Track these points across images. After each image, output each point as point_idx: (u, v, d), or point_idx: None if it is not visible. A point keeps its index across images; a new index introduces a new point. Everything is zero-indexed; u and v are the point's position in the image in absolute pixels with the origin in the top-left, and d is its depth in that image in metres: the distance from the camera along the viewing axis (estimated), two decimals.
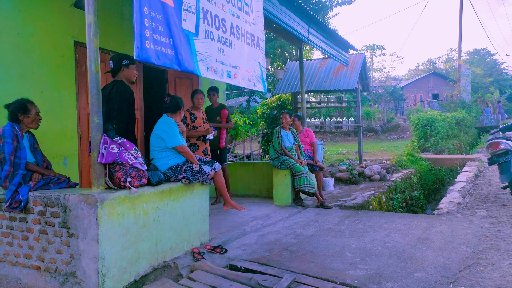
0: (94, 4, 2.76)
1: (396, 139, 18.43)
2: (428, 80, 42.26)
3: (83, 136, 4.63)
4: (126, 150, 2.90)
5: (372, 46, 35.00)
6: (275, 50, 19.06)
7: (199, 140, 5.05)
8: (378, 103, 29.24)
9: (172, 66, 3.14)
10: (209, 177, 3.66)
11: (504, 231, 4.01)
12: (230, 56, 4.00)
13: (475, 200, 5.74)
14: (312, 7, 18.51)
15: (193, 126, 5.04)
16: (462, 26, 26.02)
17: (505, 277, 2.80)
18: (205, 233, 3.78)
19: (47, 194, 2.89)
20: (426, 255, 3.33)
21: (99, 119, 2.81)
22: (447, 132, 15.30)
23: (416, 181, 9.71)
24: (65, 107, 4.46)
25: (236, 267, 3.18)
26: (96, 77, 2.78)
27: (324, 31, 6.81)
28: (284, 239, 3.97)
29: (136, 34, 2.77)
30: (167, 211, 3.27)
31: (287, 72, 10.76)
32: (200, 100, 5.14)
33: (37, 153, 3.36)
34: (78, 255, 2.72)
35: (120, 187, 2.88)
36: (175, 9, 3.22)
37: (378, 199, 6.73)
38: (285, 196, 5.85)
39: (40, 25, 4.21)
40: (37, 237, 2.95)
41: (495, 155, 4.68)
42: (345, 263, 3.20)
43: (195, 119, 5.09)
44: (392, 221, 4.60)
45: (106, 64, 4.90)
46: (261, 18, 4.70)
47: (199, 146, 5.05)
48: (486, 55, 41.70)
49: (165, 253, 3.25)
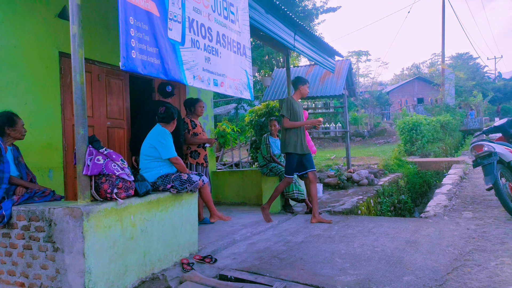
0: (79, 15, 2.74)
1: (383, 143, 18.65)
2: (413, 84, 42.98)
3: (68, 147, 4.57)
4: (112, 161, 2.86)
5: (357, 52, 35.52)
6: (262, 58, 19.19)
7: (199, 147, 5.06)
8: (365, 108, 29.61)
9: (159, 76, 3.13)
10: (197, 186, 3.65)
11: (490, 232, 4.07)
12: (217, 64, 4.01)
13: (461, 202, 5.82)
14: (298, 15, 18.72)
15: (194, 132, 5.05)
16: (445, 31, 26.68)
17: (492, 278, 2.84)
18: (194, 243, 3.75)
19: (31, 208, 2.83)
20: (414, 258, 3.36)
21: (84, 130, 2.78)
22: (432, 136, 15.55)
23: (404, 184, 9.82)
24: (50, 118, 4.39)
25: (226, 277, 3.16)
26: (81, 88, 2.75)
27: (310, 38, 6.88)
28: (274, 247, 3.96)
29: (122, 44, 2.76)
30: (155, 221, 3.24)
31: (275, 79, 10.83)
32: (203, 109, 5.25)
33: (21, 166, 3.29)
34: (63, 270, 2.66)
35: (106, 199, 2.84)
36: (161, 19, 3.22)
37: (366, 203, 6.78)
38: (275, 203, 5.83)
39: (24, 36, 4.16)
40: (21, 252, 2.88)
41: (479, 157, 4.77)
42: (335, 269, 3.20)
43: (195, 126, 5.10)
44: (381, 225, 4.63)
45: (92, 75, 4.87)
46: (247, 27, 4.73)
47: (200, 153, 5.06)
48: (468, 59, 42.67)
49: (154, 265, 3.20)
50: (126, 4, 2.83)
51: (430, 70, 43.54)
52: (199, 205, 4.96)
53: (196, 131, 5.08)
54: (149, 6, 3.08)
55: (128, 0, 2.84)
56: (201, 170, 5.02)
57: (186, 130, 5.02)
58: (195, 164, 4.99)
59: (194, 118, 5.20)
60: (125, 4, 2.81)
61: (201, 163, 5.04)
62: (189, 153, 5.00)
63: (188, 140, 4.98)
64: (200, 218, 4.93)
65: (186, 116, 5.19)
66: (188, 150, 5.02)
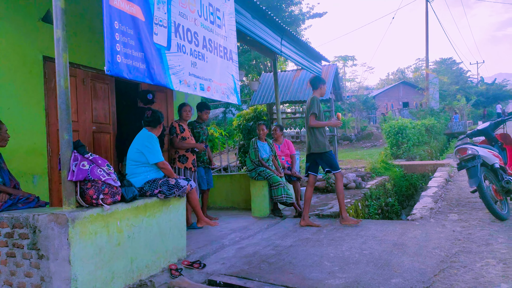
0: (63, 19, 2.71)
1: (370, 147, 18.84)
2: (398, 89, 43.67)
3: (53, 153, 4.49)
4: (98, 167, 2.82)
5: (344, 57, 35.97)
6: (250, 62, 19.24)
7: (188, 152, 5.03)
8: (352, 112, 29.92)
9: (145, 80, 3.11)
10: (185, 191, 3.62)
11: (475, 233, 4.14)
12: (203, 69, 4.01)
13: (447, 205, 5.91)
14: (285, 20, 18.85)
15: (182, 137, 5.03)
16: (429, 37, 27.14)
17: (478, 279, 2.89)
18: (183, 249, 3.71)
19: (15, 215, 2.76)
20: (402, 260, 3.39)
21: (69, 135, 2.74)
22: (418, 139, 15.78)
23: (390, 187, 9.93)
24: (33, 123, 4.31)
25: (215, 282, 3.14)
26: (65, 93, 2.71)
27: (296, 43, 6.93)
28: (263, 251, 3.95)
29: (107, 48, 2.73)
30: (143, 227, 3.20)
31: (262, 84, 10.87)
32: (188, 113, 5.22)
33: (4, 172, 3.22)
34: (49, 278, 2.61)
35: (92, 205, 2.80)
36: (146, 23, 3.20)
37: (354, 206, 6.82)
38: (263, 207, 5.84)
39: (7, 40, 4.08)
40: (4, 260, 2.81)
41: (464, 160, 4.85)
42: (324, 272, 3.21)
43: (183, 130, 5.08)
44: (369, 228, 4.67)
45: (76, 79, 4.81)
46: (234, 32, 4.74)
47: (188, 157, 5.03)
48: (452, 64, 43.59)
49: (141, 271, 3.16)
50: (111, 8, 2.81)
51: (414, 75, 44.33)
52: (187, 210, 4.92)
53: (184, 135, 5.06)
54: (134, 11, 3.07)
55: (113, 5, 2.83)
56: (189, 175, 4.99)
57: (174, 135, 5.00)
58: (183, 168, 4.96)
59: (182, 122, 5.18)
60: (109, 8, 2.79)
61: (189, 168, 5.02)
62: (177, 157, 4.97)
63: (176, 144, 4.95)
64: (188, 223, 4.89)
65: (174, 121, 5.17)
66: (176, 155, 4.98)
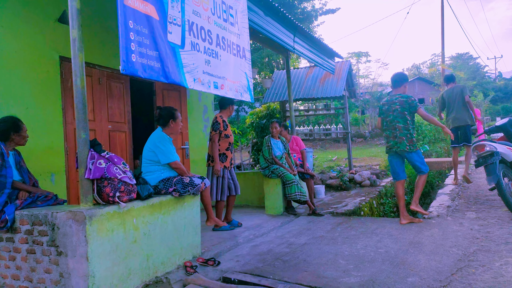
0: (79, 19, 2.75)
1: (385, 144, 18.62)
2: (414, 85, 42.96)
3: (70, 151, 4.57)
4: (114, 165, 2.86)
5: (357, 53, 35.57)
6: (262, 60, 19.20)
7: (228, 150, 4.99)
8: (366, 109, 29.58)
9: (159, 79, 3.14)
10: (199, 189, 3.64)
11: (494, 232, 4.05)
12: (217, 67, 4.02)
13: (464, 203, 5.80)
14: (297, 17, 18.75)
15: (225, 134, 4.95)
16: (444, 32, 26.64)
17: (497, 278, 2.83)
18: (197, 246, 3.74)
19: (34, 212, 2.83)
20: (418, 259, 3.35)
21: (86, 134, 2.78)
22: (434, 136, 15.52)
23: (406, 185, 9.80)
24: (51, 123, 4.40)
25: (229, 280, 3.15)
26: (81, 92, 2.75)
27: (309, 40, 6.89)
28: (277, 249, 3.95)
29: (122, 47, 2.76)
30: (158, 225, 3.23)
31: (275, 81, 10.83)
32: (233, 111, 5.28)
33: (23, 170, 3.29)
34: (67, 274, 2.66)
35: (109, 203, 2.84)
36: (160, 22, 3.23)
37: (369, 204, 6.76)
38: (277, 205, 5.83)
39: (24, 41, 4.17)
40: (24, 257, 2.88)
41: (481, 157, 4.75)
42: (338, 270, 3.19)
43: (227, 126, 5.01)
44: (384, 226, 4.62)
45: (92, 79, 4.88)
46: (246, 29, 4.74)
47: (227, 156, 5.01)
48: (468, 59, 42.66)
49: (157, 268, 3.20)
50: (126, 8, 2.84)
51: (430, 71, 43.54)
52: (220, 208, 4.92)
53: (227, 132, 4.96)
54: (149, 10, 3.09)
55: (127, 4, 2.85)
56: (226, 173, 4.93)
57: (217, 131, 4.87)
58: (222, 167, 4.91)
59: (225, 118, 5.07)
60: (124, 8, 2.82)
61: (227, 167, 4.97)
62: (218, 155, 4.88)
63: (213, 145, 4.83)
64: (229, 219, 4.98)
65: (219, 115, 5.00)
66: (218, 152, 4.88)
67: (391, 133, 4.84)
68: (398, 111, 4.76)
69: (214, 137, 4.87)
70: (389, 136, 4.88)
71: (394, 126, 4.80)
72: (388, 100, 4.93)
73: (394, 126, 4.79)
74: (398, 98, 4.81)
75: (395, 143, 4.80)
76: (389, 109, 4.87)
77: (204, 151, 7.14)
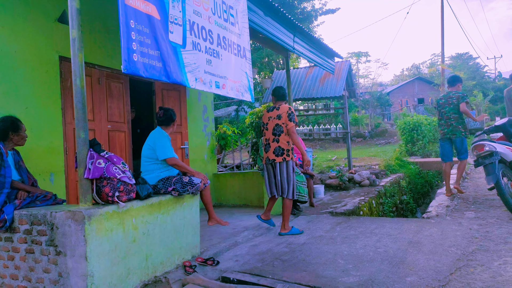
0: (78, 19, 2.75)
1: (384, 144, 18.63)
2: (413, 85, 42.97)
3: (69, 151, 4.57)
4: (113, 164, 2.87)
5: (357, 53, 35.57)
6: (262, 60, 19.20)
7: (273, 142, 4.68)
8: (365, 109, 29.59)
9: (161, 78, 3.14)
10: (198, 188, 3.65)
11: (493, 231, 4.06)
12: (218, 66, 4.02)
13: (463, 202, 5.81)
14: (297, 17, 18.75)
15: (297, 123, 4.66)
16: (444, 32, 26.65)
17: (495, 278, 2.83)
18: (196, 246, 3.74)
19: (33, 212, 2.83)
20: (417, 259, 3.35)
21: (85, 134, 2.78)
22: (433, 136, 15.52)
23: (405, 185, 9.80)
24: (50, 122, 4.40)
25: (228, 279, 3.15)
26: (81, 92, 2.75)
27: (309, 40, 6.89)
28: (276, 249, 3.96)
29: (123, 47, 2.76)
30: (157, 224, 3.24)
31: (275, 81, 10.84)
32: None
33: (22, 170, 3.30)
34: (66, 274, 2.66)
35: (108, 202, 2.84)
36: (162, 22, 3.23)
37: (368, 204, 6.76)
38: (276, 205, 5.83)
39: (24, 41, 4.17)
40: (23, 256, 2.88)
41: (481, 157, 4.76)
42: (337, 270, 3.19)
43: None
44: (383, 226, 4.62)
45: (92, 79, 4.88)
46: (247, 29, 4.74)
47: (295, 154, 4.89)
48: (468, 59, 42.62)
49: (156, 267, 3.20)
50: (127, 7, 2.84)
51: (430, 71, 43.55)
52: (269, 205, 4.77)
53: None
54: (150, 10, 3.09)
55: (128, 4, 2.85)
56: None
57: (296, 123, 4.56)
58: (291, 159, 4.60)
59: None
60: (125, 7, 2.82)
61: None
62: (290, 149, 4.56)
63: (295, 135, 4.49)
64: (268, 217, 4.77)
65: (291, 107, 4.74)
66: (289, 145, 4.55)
67: (446, 122, 5.88)
68: (454, 104, 5.76)
69: (294, 128, 4.54)
70: (443, 124, 5.93)
71: (449, 117, 5.83)
72: (445, 95, 5.99)
73: (449, 116, 5.82)
74: (454, 93, 5.83)
75: (450, 130, 5.83)
76: (445, 102, 5.89)
77: (204, 151, 7.16)
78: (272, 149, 4.54)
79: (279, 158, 4.50)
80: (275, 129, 4.55)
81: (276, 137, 4.53)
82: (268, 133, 4.64)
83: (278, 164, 4.53)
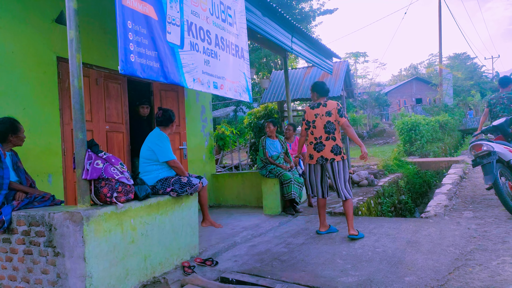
0: (76, 20, 2.74)
1: (383, 144, 18.66)
2: (411, 85, 43.07)
3: (67, 152, 4.56)
4: (111, 165, 2.86)
5: (355, 54, 35.66)
6: (260, 60, 19.20)
7: None
8: (364, 109, 29.64)
9: (158, 79, 3.14)
10: (197, 189, 3.64)
11: (491, 231, 4.07)
12: (216, 67, 4.02)
13: (462, 202, 5.82)
14: (295, 17, 18.76)
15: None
16: (442, 32, 26.72)
17: (494, 277, 2.84)
18: (195, 246, 3.74)
19: (31, 213, 2.82)
20: (416, 258, 3.36)
21: (83, 135, 2.78)
22: (431, 136, 15.57)
23: (404, 185, 9.82)
24: (48, 123, 4.39)
25: (227, 280, 3.15)
26: (79, 93, 2.75)
27: (307, 40, 6.90)
28: (275, 249, 3.96)
29: (120, 48, 2.76)
30: (156, 225, 3.23)
31: (273, 82, 10.84)
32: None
33: (20, 171, 3.28)
34: (64, 275, 2.66)
35: (106, 203, 2.84)
36: (159, 22, 3.23)
37: (367, 204, 6.77)
38: (275, 205, 5.84)
39: (22, 41, 4.16)
40: (21, 257, 2.87)
41: (478, 156, 4.77)
42: (336, 270, 3.20)
43: None
44: (382, 226, 4.63)
45: (90, 79, 4.87)
46: (245, 29, 4.74)
47: None
48: (466, 59, 42.76)
49: (155, 268, 3.19)
50: (124, 8, 2.83)
51: (428, 71, 43.66)
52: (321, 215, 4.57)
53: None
54: (147, 10, 3.09)
55: (125, 4, 2.85)
56: None
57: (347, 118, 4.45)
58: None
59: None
60: (123, 8, 2.82)
61: None
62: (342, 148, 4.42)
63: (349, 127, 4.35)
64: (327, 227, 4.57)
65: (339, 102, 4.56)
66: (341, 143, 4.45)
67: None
68: (505, 103, 5.90)
69: (348, 122, 4.39)
70: None
71: (499, 116, 5.91)
72: (496, 95, 6.13)
73: (500, 115, 5.90)
74: (505, 94, 5.96)
75: None
76: (496, 102, 6.04)
77: (202, 151, 7.16)
78: (329, 147, 4.31)
79: (338, 156, 4.30)
80: (328, 127, 4.32)
81: (330, 135, 4.32)
82: (317, 131, 4.37)
83: (336, 163, 4.32)
